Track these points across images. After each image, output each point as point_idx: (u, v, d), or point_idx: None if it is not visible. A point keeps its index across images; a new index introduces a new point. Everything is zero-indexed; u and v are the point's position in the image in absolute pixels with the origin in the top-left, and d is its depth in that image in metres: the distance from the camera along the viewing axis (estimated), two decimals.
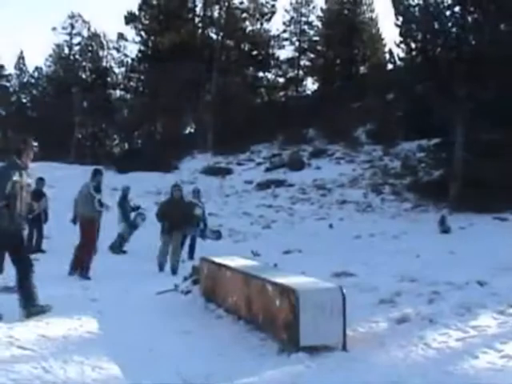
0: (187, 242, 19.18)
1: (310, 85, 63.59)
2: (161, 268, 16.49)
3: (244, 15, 55.78)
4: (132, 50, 59.28)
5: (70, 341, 8.14)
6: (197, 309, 10.24)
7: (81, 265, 14.64)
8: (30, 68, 66.87)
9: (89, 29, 61.40)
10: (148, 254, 17.71)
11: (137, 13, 54.97)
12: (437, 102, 26.23)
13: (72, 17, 60.59)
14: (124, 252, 20.10)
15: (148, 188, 32.41)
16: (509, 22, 27.35)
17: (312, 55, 60.60)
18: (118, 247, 20.11)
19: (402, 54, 31.29)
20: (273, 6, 55.85)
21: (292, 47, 60.16)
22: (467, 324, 8.00)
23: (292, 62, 60.07)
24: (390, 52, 33.60)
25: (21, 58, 66.71)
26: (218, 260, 10.47)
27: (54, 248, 19.37)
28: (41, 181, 19.63)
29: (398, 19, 29.10)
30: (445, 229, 22.38)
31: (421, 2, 28.28)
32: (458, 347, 7.27)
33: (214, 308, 10.00)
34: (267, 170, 38.77)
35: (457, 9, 28.06)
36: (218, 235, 22.04)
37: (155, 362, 7.28)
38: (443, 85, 26.21)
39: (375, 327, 8.32)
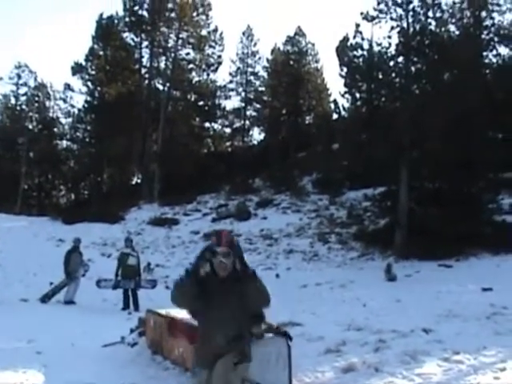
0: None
1: (257, 135, 64.24)
2: None
3: (190, 66, 56.13)
4: (79, 100, 59.27)
5: None
6: (143, 361, 10.12)
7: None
8: None
9: (35, 79, 61.26)
10: (95, 305, 17.55)
11: (83, 63, 55.01)
12: (381, 150, 26.52)
13: (19, 67, 60.32)
14: (44, 302, 19.53)
15: (94, 239, 32.09)
16: (451, 72, 27.95)
17: (258, 105, 60.99)
18: (46, 296, 19.73)
19: (346, 104, 31.77)
20: (219, 56, 56.37)
21: (238, 97, 60.70)
22: (412, 372, 8.06)
23: (238, 112, 60.48)
24: (335, 102, 33.99)
25: None
26: (163, 312, 10.40)
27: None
28: None
29: (342, 70, 29.64)
30: (391, 277, 22.53)
31: (365, 53, 28.80)
32: None
33: (160, 360, 9.90)
34: (214, 220, 38.71)
35: (400, 59, 28.61)
36: (153, 284, 21.68)
37: None
38: (387, 134, 26.56)
39: (321, 377, 8.32)
